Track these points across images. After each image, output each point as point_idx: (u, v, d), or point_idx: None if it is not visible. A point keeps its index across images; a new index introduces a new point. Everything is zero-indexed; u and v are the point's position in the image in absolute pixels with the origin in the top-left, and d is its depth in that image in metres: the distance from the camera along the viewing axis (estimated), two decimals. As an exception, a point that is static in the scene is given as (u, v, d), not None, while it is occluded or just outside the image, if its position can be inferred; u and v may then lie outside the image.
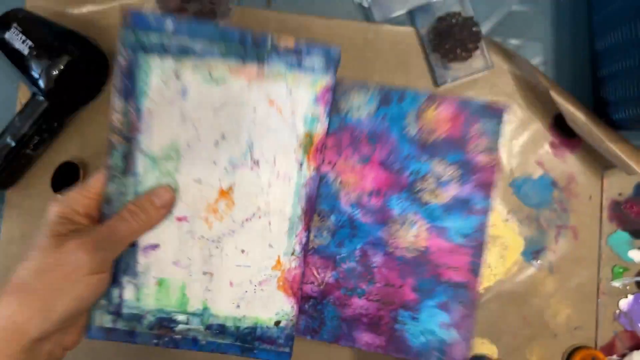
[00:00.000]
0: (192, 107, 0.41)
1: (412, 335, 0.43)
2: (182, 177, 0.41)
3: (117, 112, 0.41)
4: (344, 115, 0.43)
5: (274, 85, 0.41)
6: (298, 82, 0.41)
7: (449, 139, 0.43)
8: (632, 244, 0.57)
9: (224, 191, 0.42)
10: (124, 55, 0.40)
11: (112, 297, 0.42)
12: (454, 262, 0.43)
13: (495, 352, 0.56)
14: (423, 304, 0.43)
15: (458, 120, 0.42)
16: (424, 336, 0.43)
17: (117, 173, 0.41)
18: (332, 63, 0.41)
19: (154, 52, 0.40)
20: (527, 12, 0.59)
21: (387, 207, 0.43)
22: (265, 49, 0.40)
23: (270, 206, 0.42)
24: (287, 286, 0.42)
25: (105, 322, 0.42)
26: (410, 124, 0.43)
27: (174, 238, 0.42)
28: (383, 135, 0.43)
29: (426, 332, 0.43)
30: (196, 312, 0.42)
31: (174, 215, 0.42)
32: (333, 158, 0.43)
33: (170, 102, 0.41)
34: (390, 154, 0.43)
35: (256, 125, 0.41)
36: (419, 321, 0.43)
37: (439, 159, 0.43)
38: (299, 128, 0.41)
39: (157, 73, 0.40)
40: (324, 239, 0.44)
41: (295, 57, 0.41)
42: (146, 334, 0.42)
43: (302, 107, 0.41)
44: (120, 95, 0.40)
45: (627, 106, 0.50)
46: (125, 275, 0.42)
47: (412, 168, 0.43)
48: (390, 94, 0.43)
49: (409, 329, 0.43)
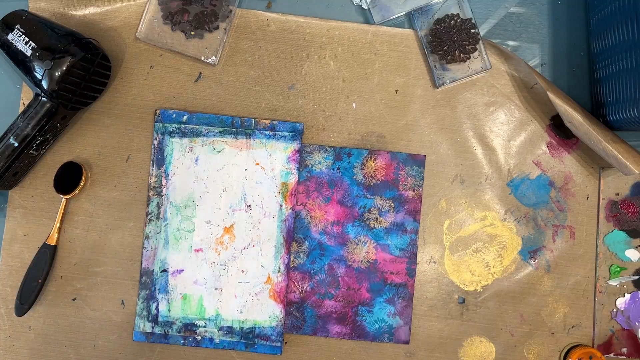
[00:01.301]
0: (202, 170, 0.57)
1: (369, 324, 0.57)
2: (198, 220, 0.57)
3: (152, 176, 0.57)
4: (310, 168, 0.58)
5: (258, 151, 0.57)
6: (274, 148, 0.57)
7: (385, 181, 0.58)
8: (629, 243, 0.57)
9: (227, 228, 0.57)
10: (156, 138, 0.57)
11: (150, 309, 0.56)
12: (395, 269, 0.57)
13: (493, 350, 0.56)
14: (375, 301, 0.57)
15: (390, 167, 0.58)
16: (377, 324, 0.57)
17: (153, 218, 0.57)
18: (297, 134, 0.57)
19: (175, 135, 0.57)
20: (524, 14, 0.59)
21: (345, 233, 0.58)
22: (250, 128, 0.57)
23: (261, 237, 0.57)
24: (276, 295, 0.56)
25: (147, 328, 0.56)
26: (357, 172, 0.58)
27: (193, 264, 0.57)
28: (338, 181, 0.58)
29: (379, 320, 0.57)
30: (211, 318, 0.56)
31: (192, 248, 0.57)
32: (304, 200, 0.58)
33: (187, 168, 0.57)
34: (345, 194, 0.58)
35: (247, 180, 0.57)
36: (373, 313, 0.57)
37: (379, 196, 0.58)
38: (277, 180, 0.57)
39: (178, 149, 0.57)
40: (301, 259, 0.57)
41: (271, 131, 0.57)
42: (176, 336, 0.56)
43: (279, 165, 0.57)
44: (154, 165, 0.57)
45: (623, 107, 0.51)
46: (160, 293, 0.56)
47: (361, 204, 0.58)
48: (341, 152, 0.58)
49: (366, 319, 0.57)
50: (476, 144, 0.58)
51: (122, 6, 0.58)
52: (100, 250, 0.57)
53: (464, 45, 0.57)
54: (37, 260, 0.55)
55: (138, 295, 0.56)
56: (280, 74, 0.58)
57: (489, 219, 0.58)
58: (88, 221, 0.57)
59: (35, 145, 0.54)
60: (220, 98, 0.58)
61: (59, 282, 0.56)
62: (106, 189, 0.57)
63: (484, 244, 0.57)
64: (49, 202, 0.57)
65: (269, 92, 0.58)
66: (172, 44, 0.57)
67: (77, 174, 0.56)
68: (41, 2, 0.57)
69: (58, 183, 0.56)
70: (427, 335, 0.57)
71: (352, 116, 0.58)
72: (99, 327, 0.56)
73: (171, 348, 0.56)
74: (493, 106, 0.58)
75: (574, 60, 0.59)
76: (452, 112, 0.58)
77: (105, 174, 0.57)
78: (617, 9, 0.51)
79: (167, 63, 0.58)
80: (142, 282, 0.56)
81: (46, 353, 0.56)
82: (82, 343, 0.56)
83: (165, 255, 0.56)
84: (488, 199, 0.58)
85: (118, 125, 0.58)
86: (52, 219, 0.57)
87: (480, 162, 0.58)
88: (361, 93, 0.58)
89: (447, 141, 0.58)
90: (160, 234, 0.57)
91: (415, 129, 0.58)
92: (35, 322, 0.56)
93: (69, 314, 0.56)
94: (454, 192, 0.58)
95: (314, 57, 0.58)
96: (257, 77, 0.58)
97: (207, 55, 0.57)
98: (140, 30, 0.57)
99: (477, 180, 0.58)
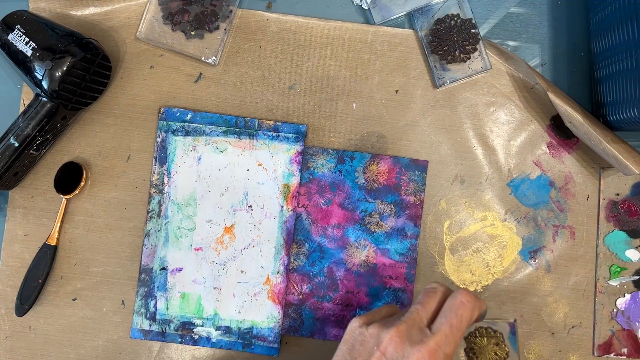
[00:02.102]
0: (205, 169, 0.57)
1: None
2: (198, 218, 0.57)
3: (155, 174, 0.57)
4: (312, 171, 0.57)
5: (261, 152, 0.57)
6: (277, 149, 0.57)
7: (387, 186, 0.57)
8: (629, 244, 0.57)
9: (228, 228, 0.57)
10: (159, 136, 0.57)
11: (149, 306, 0.56)
12: (394, 273, 0.57)
13: (494, 350, 0.56)
14: (373, 305, 0.57)
15: (393, 172, 0.57)
16: None
17: (154, 215, 0.56)
18: (301, 136, 0.57)
19: (179, 133, 0.57)
20: (525, 14, 0.59)
21: (345, 236, 0.57)
22: (254, 128, 0.57)
23: (261, 238, 0.57)
24: (274, 297, 0.56)
25: (144, 326, 0.55)
26: (359, 176, 0.57)
27: (193, 263, 0.56)
28: (340, 184, 0.57)
29: None
30: (209, 317, 0.56)
31: (192, 247, 0.56)
32: (305, 202, 0.57)
33: (190, 166, 0.57)
34: (346, 198, 0.57)
35: (249, 180, 0.57)
36: None
37: (381, 200, 0.57)
38: (279, 181, 0.57)
39: (181, 147, 0.57)
40: (300, 261, 0.57)
41: (274, 132, 0.57)
42: (173, 334, 0.56)
43: (281, 166, 0.57)
44: (157, 162, 0.57)
45: (623, 107, 0.51)
46: (159, 291, 0.56)
47: (362, 207, 0.57)
48: (344, 155, 0.57)
49: None
50: (476, 144, 0.58)
51: (122, 6, 0.58)
52: (101, 250, 0.57)
53: (464, 46, 0.57)
54: (38, 261, 0.55)
55: (137, 292, 0.56)
56: (280, 74, 0.58)
57: (489, 219, 0.58)
58: (88, 221, 0.57)
59: (36, 145, 0.54)
60: (221, 98, 0.58)
61: (60, 282, 0.56)
62: (106, 189, 0.57)
63: (484, 244, 0.57)
64: (49, 202, 0.57)
65: (269, 92, 0.58)
66: (172, 44, 0.57)
67: (78, 174, 0.56)
68: (41, 2, 0.57)
69: (58, 183, 0.56)
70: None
71: (353, 116, 0.58)
72: (99, 327, 0.56)
73: (172, 348, 0.56)
74: (493, 106, 0.58)
75: (574, 60, 0.59)
76: (453, 112, 0.58)
77: (106, 174, 0.57)
78: (617, 9, 0.51)
79: (168, 63, 0.58)
80: (141, 279, 0.56)
81: (46, 353, 0.56)
82: (82, 343, 0.56)
83: (165, 253, 0.56)
84: (488, 199, 0.58)
85: (118, 125, 0.58)
86: (52, 219, 0.57)
87: (480, 162, 0.58)
88: (361, 93, 0.58)
89: (448, 141, 0.58)
90: (160, 232, 0.56)
91: (415, 129, 0.58)
92: (35, 322, 0.56)
93: (69, 314, 0.56)
94: (454, 192, 0.58)
95: (314, 57, 0.58)
96: (257, 77, 0.58)
97: (208, 55, 0.57)
98: (141, 30, 0.57)
99: (477, 181, 0.58)
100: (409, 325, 0.38)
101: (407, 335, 0.38)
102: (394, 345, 0.37)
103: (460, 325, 0.39)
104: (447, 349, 0.37)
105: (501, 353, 0.46)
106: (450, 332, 0.38)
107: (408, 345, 0.37)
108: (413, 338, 0.38)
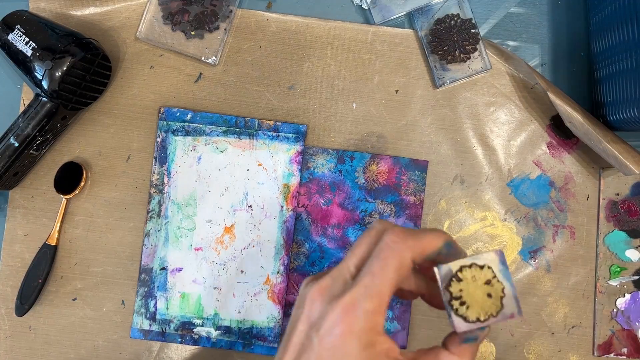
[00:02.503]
0: (205, 169, 0.57)
1: None
2: (198, 218, 0.56)
3: (155, 173, 0.57)
4: (312, 170, 0.57)
5: (261, 152, 0.57)
6: (277, 149, 0.57)
7: (387, 186, 0.57)
8: (629, 244, 0.57)
9: (228, 228, 0.57)
10: (159, 136, 0.57)
11: (149, 306, 0.56)
12: None
13: (493, 350, 0.56)
14: None
15: (393, 172, 0.57)
16: None
17: (154, 215, 0.56)
18: (301, 136, 0.57)
19: (179, 133, 0.57)
20: (525, 14, 0.59)
21: (346, 236, 0.57)
22: (254, 128, 0.57)
23: (261, 238, 0.57)
24: (274, 297, 0.56)
25: (144, 325, 0.55)
26: (359, 176, 0.57)
27: (193, 263, 0.56)
28: (340, 184, 0.57)
29: None
30: (209, 317, 0.56)
31: (192, 247, 0.56)
32: (305, 202, 0.57)
33: (190, 166, 0.57)
34: (346, 197, 0.57)
35: (249, 180, 0.57)
36: None
37: (381, 200, 0.57)
38: (279, 181, 0.57)
39: (181, 147, 0.57)
40: (300, 260, 0.57)
41: (274, 132, 0.57)
42: (173, 334, 0.56)
43: (281, 166, 0.57)
44: (157, 162, 0.57)
45: (623, 107, 0.51)
46: (159, 291, 0.56)
47: (362, 207, 0.57)
48: (344, 155, 0.57)
49: None
50: (476, 144, 0.58)
51: (122, 6, 0.58)
52: (101, 250, 0.57)
53: (464, 46, 0.57)
54: (38, 260, 0.55)
55: (137, 292, 0.56)
56: (280, 74, 0.58)
57: (489, 219, 0.58)
58: (88, 221, 0.57)
59: (36, 145, 0.54)
60: (221, 98, 0.58)
61: (60, 282, 0.56)
62: (106, 189, 0.57)
63: (485, 244, 0.57)
64: (49, 202, 0.57)
65: (269, 92, 0.58)
66: (172, 44, 0.57)
67: (78, 174, 0.56)
68: (41, 2, 0.57)
69: (58, 183, 0.56)
70: (426, 336, 0.56)
71: (353, 116, 0.58)
72: (99, 327, 0.56)
73: (172, 348, 0.56)
74: (493, 106, 0.58)
75: (574, 60, 0.59)
76: (452, 112, 0.58)
77: (106, 174, 0.57)
78: (617, 9, 0.51)
79: (168, 63, 0.58)
80: (141, 279, 0.56)
81: (46, 353, 0.56)
82: (83, 343, 0.56)
83: (165, 253, 0.56)
84: (488, 199, 0.58)
85: (118, 125, 0.58)
86: (52, 219, 0.57)
87: (480, 162, 0.58)
88: (361, 93, 0.58)
89: (448, 141, 0.58)
90: (160, 232, 0.56)
91: (415, 129, 0.58)
92: (35, 322, 0.56)
93: (69, 314, 0.56)
94: (454, 192, 0.58)
95: (314, 57, 0.58)
96: (257, 77, 0.58)
97: (208, 55, 0.57)
98: (141, 30, 0.57)
99: (477, 180, 0.58)
100: (333, 278, 0.32)
101: (329, 291, 0.31)
102: (316, 304, 0.31)
103: (383, 273, 0.30)
104: (366, 304, 0.30)
105: (496, 292, 0.33)
106: (372, 283, 0.30)
107: (327, 302, 0.31)
108: (334, 293, 0.31)
